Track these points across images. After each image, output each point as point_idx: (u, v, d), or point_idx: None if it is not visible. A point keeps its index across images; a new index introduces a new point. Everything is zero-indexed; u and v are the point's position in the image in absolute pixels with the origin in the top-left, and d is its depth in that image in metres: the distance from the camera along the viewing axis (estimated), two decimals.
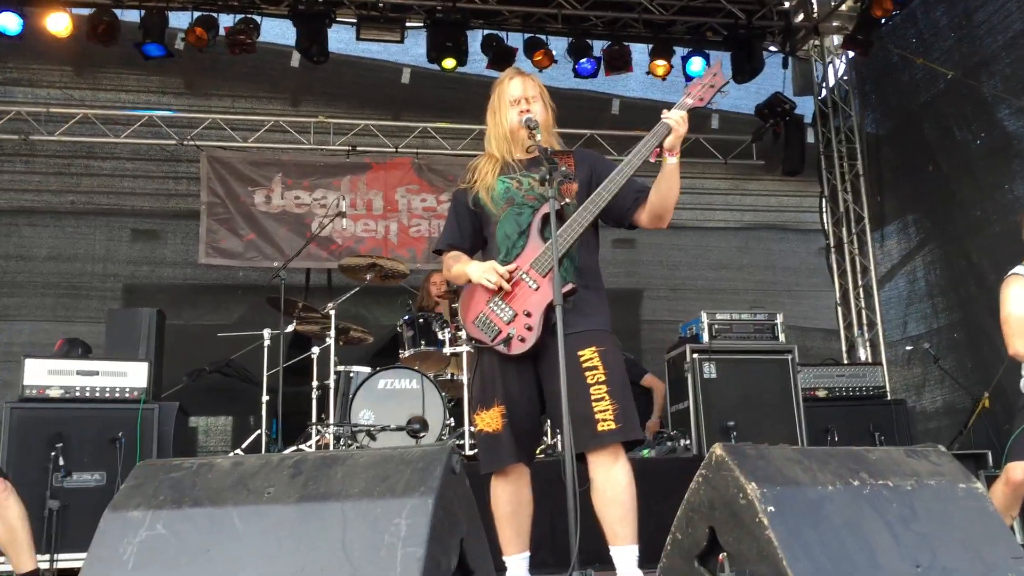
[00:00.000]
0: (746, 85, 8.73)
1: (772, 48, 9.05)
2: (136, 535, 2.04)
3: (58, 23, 7.56)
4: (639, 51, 8.69)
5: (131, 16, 7.80)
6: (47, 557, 4.90)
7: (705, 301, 9.15)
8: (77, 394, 5.45)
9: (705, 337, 6.46)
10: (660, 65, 8.55)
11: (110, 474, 5.30)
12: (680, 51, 8.66)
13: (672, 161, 3.17)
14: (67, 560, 5.01)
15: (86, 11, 7.71)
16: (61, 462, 5.13)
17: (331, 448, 5.78)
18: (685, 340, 6.60)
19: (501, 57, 8.14)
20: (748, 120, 9.40)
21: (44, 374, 5.44)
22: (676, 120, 3.15)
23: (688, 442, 6.22)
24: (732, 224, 10.27)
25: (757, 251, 10.06)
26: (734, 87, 8.62)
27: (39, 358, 5.55)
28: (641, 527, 3.06)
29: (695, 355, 6.35)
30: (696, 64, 8.51)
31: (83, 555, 2.09)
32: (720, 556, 2.25)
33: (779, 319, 6.62)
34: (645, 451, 6.24)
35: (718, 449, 2.28)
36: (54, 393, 5.42)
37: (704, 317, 6.52)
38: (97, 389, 5.50)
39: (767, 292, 9.74)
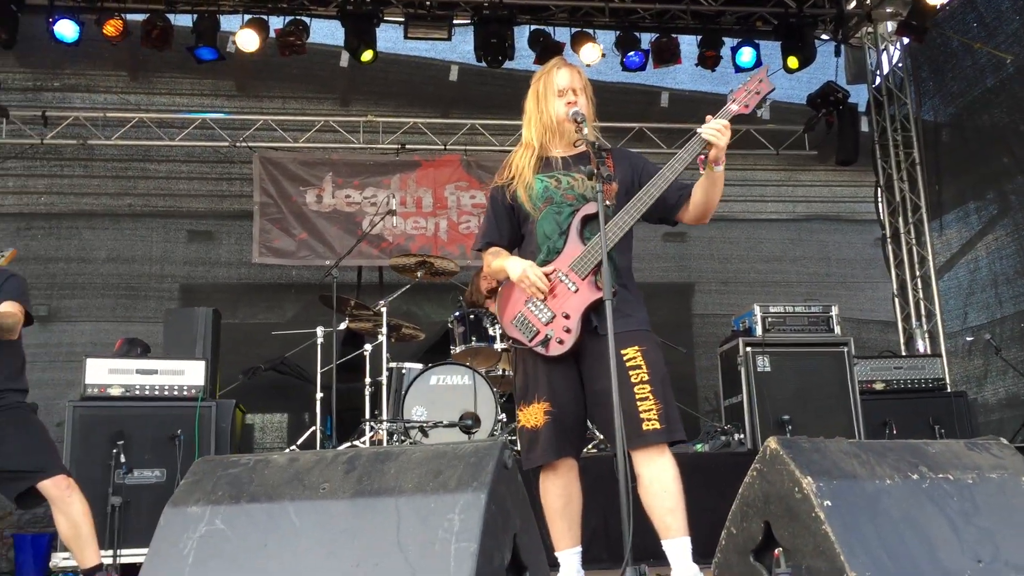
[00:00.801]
0: (798, 74, 8.59)
1: (824, 36, 8.89)
2: (196, 530, 2.08)
3: (109, 26, 7.70)
4: (688, 43, 8.60)
5: (184, 21, 7.93)
6: (110, 552, 5.01)
7: (758, 294, 9.07)
8: (137, 392, 5.57)
9: (758, 330, 6.39)
10: (709, 56, 8.46)
11: (170, 471, 5.41)
12: (729, 42, 8.55)
13: (719, 170, 3.15)
14: (129, 555, 5.12)
15: (140, 16, 7.85)
16: (122, 459, 5.23)
17: (384, 444, 5.83)
18: (738, 333, 6.54)
19: (548, 52, 8.11)
20: (800, 110, 9.26)
21: (105, 373, 5.57)
22: (718, 131, 3.10)
23: (742, 436, 6.16)
24: (784, 216, 10.16)
25: (811, 243, 9.94)
26: (785, 76, 8.51)
27: (100, 358, 5.69)
28: (695, 522, 3.04)
29: (748, 348, 6.30)
30: (746, 55, 8.40)
31: (145, 550, 2.14)
32: (776, 551, 2.23)
33: (834, 311, 6.53)
34: (698, 445, 6.20)
35: (773, 443, 2.25)
36: (115, 392, 5.54)
37: (757, 310, 6.46)
38: (156, 387, 5.62)
39: (821, 284, 9.62)
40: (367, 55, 7.96)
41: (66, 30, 7.65)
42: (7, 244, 8.27)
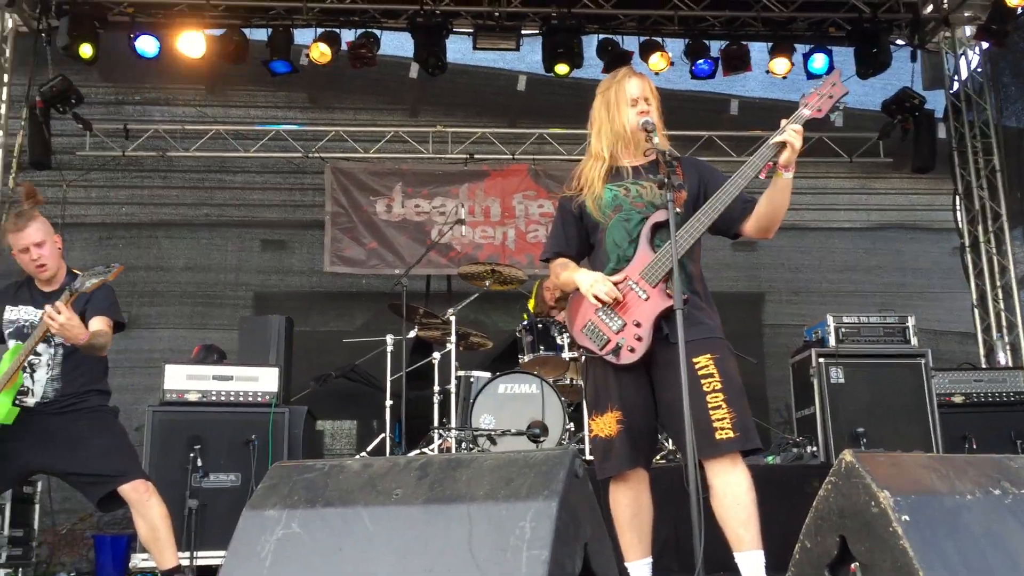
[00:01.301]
0: (872, 80, 8.42)
1: (899, 41, 8.71)
2: (273, 533, 2.12)
3: (193, 46, 7.92)
4: (758, 49, 8.49)
5: (259, 35, 8.12)
6: (187, 554, 5.12)
7: (830, 304, 8.87)
8: (213, 398, 5.70)
9: (832, 341, 6.29)
10: (780, 63, 8.33)
11: (244, 475, 5.51)
12: (801, 48, 8.42)
13: (787, 176, 3.09)
14: (206, 557, 5.23)
15: (218, 32, 8.07)
16: (199, 463, 5.37)
17: (453, 452, 5.86)
18: (810, 344, 6.44)
19: (616, 61, 8.09)
20: (874, 116, 9.09)
21: (183, 379, 5.72)
22: (791, 135, 3.06)
23: (815, 448, 6.06)
24: (859, 224, 9.97)
25: (886, 252, 9.73)
26: (859, 82, 8.34)
27: (178, 364, 5.84)
28: (768, 535, 3.00)
29: (821, 359, 6.20)
30: (819, 61, 8.26)
31: (220, 552, 2.19)
32: (852, 566, 2.19)
33: (911, 322, 6.39)
34: (770, 457, 6.11)
35: (848, 455, 2.21)
36: (192, 397, 5.68)
37: (831, 320, 6.35)
38: (232, 393, 5.74)
39: (897, 294, 9.40)
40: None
41: (147, 46, 7.89)
42: (90, 253, 8.63)
